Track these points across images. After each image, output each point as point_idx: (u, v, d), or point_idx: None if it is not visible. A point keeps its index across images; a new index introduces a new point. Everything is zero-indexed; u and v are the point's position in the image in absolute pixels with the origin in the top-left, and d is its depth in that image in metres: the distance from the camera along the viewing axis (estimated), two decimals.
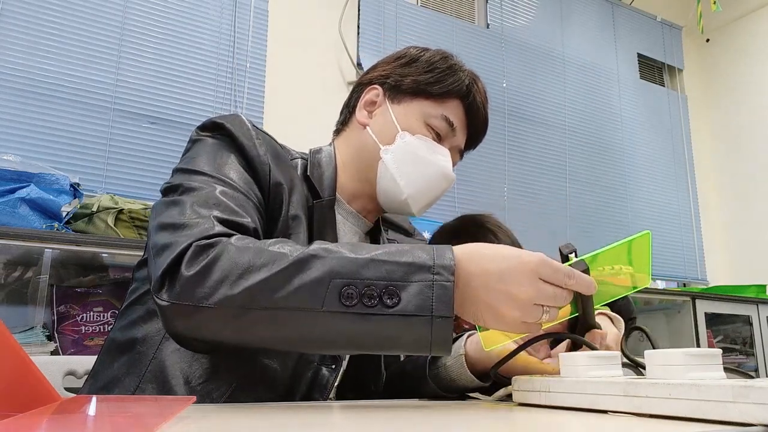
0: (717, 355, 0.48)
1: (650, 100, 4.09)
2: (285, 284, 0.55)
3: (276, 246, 0.59)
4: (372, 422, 0.47)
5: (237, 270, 0.56)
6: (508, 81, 3.44)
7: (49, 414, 0.41)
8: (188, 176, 0.71)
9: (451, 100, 0.90)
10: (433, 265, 0.57)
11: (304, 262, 0.56)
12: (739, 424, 0.39)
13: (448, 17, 3.32)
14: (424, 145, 0.87)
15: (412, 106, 0.89)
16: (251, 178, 0.75)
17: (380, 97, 0.91)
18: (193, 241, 0.59)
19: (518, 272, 0.59)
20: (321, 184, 0.85)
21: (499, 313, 0.58)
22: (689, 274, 3.92)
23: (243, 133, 0.77)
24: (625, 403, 0.47)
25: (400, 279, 0.56)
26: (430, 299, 0.55)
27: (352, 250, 0.58)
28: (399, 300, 0.55)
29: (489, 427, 0.48)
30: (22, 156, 1.94)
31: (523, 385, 0.61)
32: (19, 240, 1.59)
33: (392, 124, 0.88)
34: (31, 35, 2.20)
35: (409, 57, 0.93)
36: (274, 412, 0.54)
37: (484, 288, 0.58)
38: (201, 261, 0.57)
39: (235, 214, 0.66)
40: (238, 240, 0.60)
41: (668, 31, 4.31)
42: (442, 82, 0.89)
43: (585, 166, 3.65)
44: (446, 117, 0.89)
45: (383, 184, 0.88)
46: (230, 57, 2.61)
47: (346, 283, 0.55)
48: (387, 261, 0.57)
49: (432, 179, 0.88)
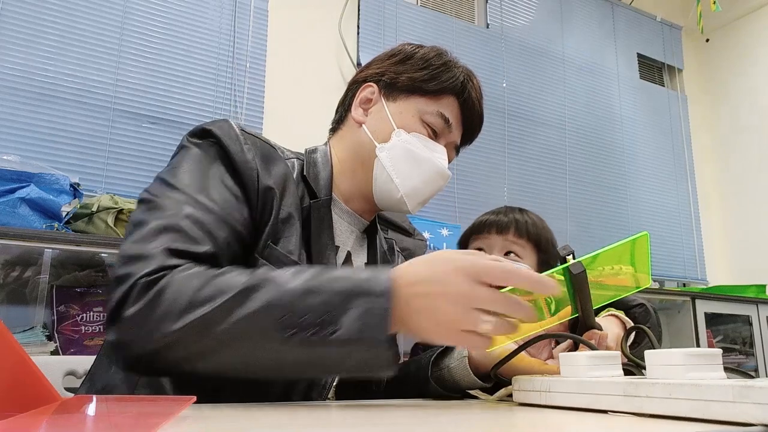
0: (717, 355, 0.48)
1: (650, 100, 4.09)
2: (226, 318, 0.56)
3: (219, 279, 0.59)
4: (372, 422, 0.47)
5: (178, 306, 0.57)
6: (508, 81, 3.44)
7: (49, 414, 0.41)
8: (163, 190, 0.70)
9: (446, 96, 0.90)
10: (369, 289, 0.56)
11: (244, 295, 0.57)
12: (739, 424, 0.39)
13: (448, 17, 3.32)
14: (420, 143, 0.87)
15: (407, 104, 0.89)
16: (237, 187, 0.74)
17: (375, 95, 0.91)
18: (138, 279, 0.60)
19: (452, 273, 0.57)
20: (317, 184, 0.84)
21: (437, 320, 0.57)
22: (689, 274, 3.92)
23: (231, 139, 0.76)
24: (625, 403, 0.47)
25: (337, 306, 0.56)
26: (367, 325, 0.55)
27: (292, 278, 0.58)
28: (337, 327, 0.55)
29: (489, 427, 0.48)
30: (22, 156, 1.94)
31: (523, 385, 0.61)
32: (19, 240, 1.59)
33: (388, 122, 0.88)
34: (31, 35, 2.20)
35: (404, 54, 0.92)
36: (273, 412, 0.54)
37: (423, 296, 0.57)
38: (144, 299, 0.59)
39: (191, 243, 0.65)
40: (183, 274, 0.60)
41: (668, 31, 4.31)
42: (438, 79, 0.89)
43: (585, 166, 3.65)
44: (442, 113, 0.89)
45: (379, 182, 0.87)
46: (230, 57, 2.61)
47: (284, 314, 0.56)
48: (323, 290, 0.57)
49: (427, 177, 0.87)
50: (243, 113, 2.60)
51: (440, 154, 0.89)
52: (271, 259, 0.75)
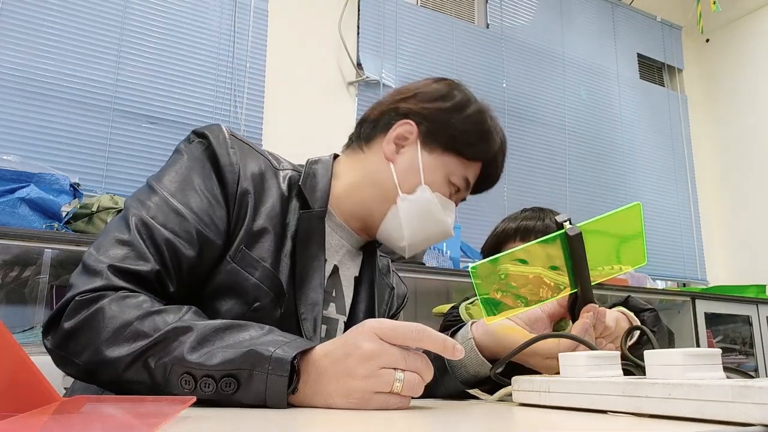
0: (717, 355, 0.48)
1: (650, 101, 4.09)
2: (134, 363, 0.60)
3: (141, 322, 0.61)
4: (372, 422, 0.47)
5: (100, 340, 0.61)
6: (508, 81, 3.44)
7: (49, 414, 0.41)
8: (144, 196, 0.73)
9: (477, 162, 0.90)
10: (270, 356, 0.56)
11: (157, 345, 0.60)
12: (739, 424, 0.39)
13: (448, 17, 3.32)
14: (439, 204, 0.87)
15: (441, 160, 0.87)
16: (219, 188, 0.75)
17: (413, 137, 0.87)
18: (77, 294, 0.64)
19: (358, 336, 0.57)
20: (313, 195, 0.83)
21: (348, 385, 0.56)
22: (689, 274, 3.92)
23: (219, 141, 0.78)
24: (624, 403, 0.47)
25: (237, 368, 0.57)
26: (263, 393, 0.56)
27: (197, 345, 0.59)
28: (237, 388, 0.56)
29: (489, 427, 0.48)
30: (22, 156, 1.94)
31: (523, 385, 0.61)
32: (19, 240, 1.60)
33: (417, 172, 0.86)
34: (31, 35, 2.21)
35: (454, 103, 0.88)
36: (273, 412, 0.54)
37: (331, 364, 0.57)
38: (76, 319, 0.63)
39: (138, 260, 0.67)
40: (115, 303, 0.63)
41: (668, 31, 4.31)
42: (477, 147, 0.88)
43: (585, 166, 3.65)
44: (467, 178, 0.90)
45: (388, 226, 0.87)
46: (230, 57, 2.61)
47: (185, 371, 0.58)
48: (226, 360, 0.57)
49: (434, 235, 0.89)
50: (243, 113, 2.60)
51: (451, 213, 0.90)
52: (242, 264, 0.75)
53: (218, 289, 0.74)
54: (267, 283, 0.76)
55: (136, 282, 0.67)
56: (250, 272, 0.75)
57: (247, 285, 0.75)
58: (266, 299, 0.76)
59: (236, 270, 0.74)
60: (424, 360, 0.58)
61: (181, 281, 0.71)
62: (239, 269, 0.75)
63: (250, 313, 0.74)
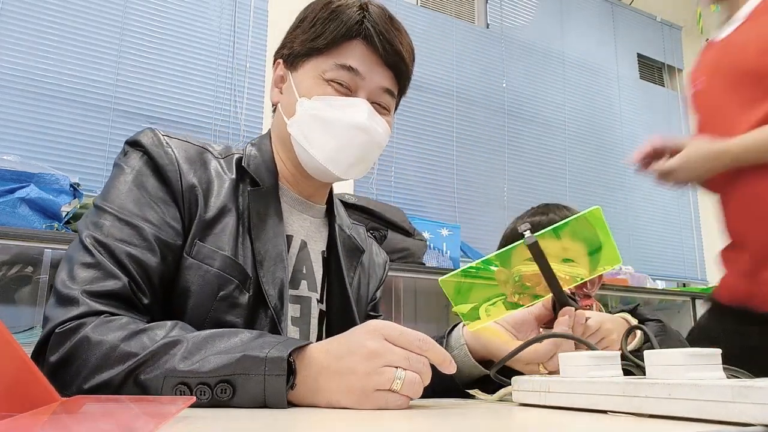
0: (717, 355, 0.48)
1: (650, 100, 4.09)
2: (125, 381, 0.60)
3: (128, 343, 0.61)
4: (371, 422, 0.47)
5: (88, 367, 0.61)
6: (508, 81, 3.44)
7: (49, 414, 0.41)
8: (94, 222, 0.72)
9: (344, 44, 0.82)
10: (265, 357, 0.56)
11: (147, 362, 0.59)
12: (739, 424, 0.39)
13: (448, 17, 3.32)
14: (325, 104, 0.81)
15: (307, 69, 0.84)
16: (164, 190, 0.75)
17: (284, 71, 0.87)
18: (56, 325, 0.63)
19: (361, 334, 0.58)
20: (259, 173, 0.83)
21: (349, 382, 0.56)
22: (689, 274, 3.92)
23: (154, 144, 0.77)
24: (624, 403, 0.47)
25: (232, 373, 0.57)
26: (261, 395, 0.56)
27: (188, 355, 0.59)
28: (233, 393, 0.57)
29: (489, 427, 0.48)
30: (22, 156, 1.95)
31: (523, 385, 0.61)
32: (19, 240, 1.60)
33: (293, 94, 0.84)
34: (31, 35, 2.21)
35: (297, 19, 0.88)
36: (273, 412, 0.54)
37: (334, 361, 0.58)
38: (61, 351, 0.63)
39: (109, 278, 0.67)
40: (98, 329, 0.62)
41: (668, 31, 4.31)
42: (326, 31, 0.82)
43: (585, 166, 3.65)
44: (341, 64, 0.81)
45: (302, 157, 0.84)
46: (230, 57, 2.62)
47: (179, 381, 0.58)
48: (220, 366, 0.58)
49: (341, 135, 0.81)
50: (243, 113, 2.60)
51: (354, 106, 0.81)
52: (199, 257, 0.75)
53: (183, 287, 0.74)
54: (228, 271, 0.75)
55: (113, 301, 0.66)
56: (209, 263, 0.75)
57: (209, 277, 0.74)
58: (230, 286, 0.75)
59: (196, 264, 0.74)
60: (426, 363, 0.59)
61: (154, 291, 0.71)
62: (198, 263, 0.74)
63: (217, 303, 0.74)
